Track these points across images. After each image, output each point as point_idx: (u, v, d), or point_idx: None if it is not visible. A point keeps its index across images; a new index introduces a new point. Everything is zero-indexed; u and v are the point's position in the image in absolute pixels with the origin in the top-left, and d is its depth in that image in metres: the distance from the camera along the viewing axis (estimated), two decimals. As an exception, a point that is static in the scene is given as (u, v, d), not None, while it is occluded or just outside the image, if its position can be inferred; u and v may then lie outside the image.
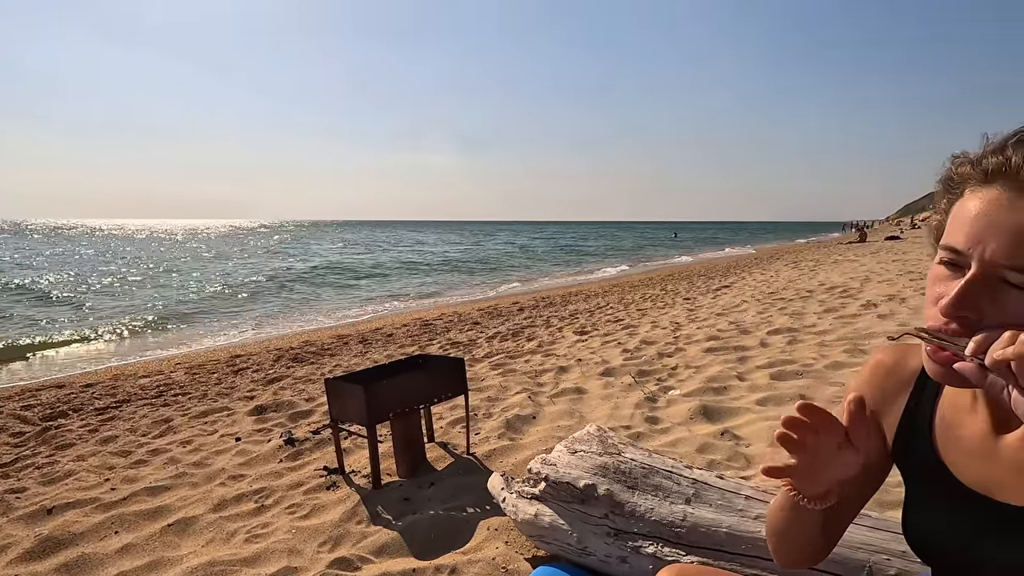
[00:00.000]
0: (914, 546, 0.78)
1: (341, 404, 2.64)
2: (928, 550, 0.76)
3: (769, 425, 2.87)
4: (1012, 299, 0.55)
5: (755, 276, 12.71)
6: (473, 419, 3.45)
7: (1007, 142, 0.59)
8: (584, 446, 1.88)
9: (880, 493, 2.01)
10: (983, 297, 0.57)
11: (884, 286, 8.19)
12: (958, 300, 0.57)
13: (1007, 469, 0.65)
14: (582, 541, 1.70)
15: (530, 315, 8.70)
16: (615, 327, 6.70)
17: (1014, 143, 0.58)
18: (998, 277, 0.56)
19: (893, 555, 1.31)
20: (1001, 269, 0.56)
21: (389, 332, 7.98)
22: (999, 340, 0.52)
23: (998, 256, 0.55)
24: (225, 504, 2.59)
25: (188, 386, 5.29)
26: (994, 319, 0.56)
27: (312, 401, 4.31)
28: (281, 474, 2.90)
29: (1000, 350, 0.51)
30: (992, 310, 0.56)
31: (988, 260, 0.56)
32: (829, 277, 10.42)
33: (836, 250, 21.41)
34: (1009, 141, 0.59)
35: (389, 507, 2.39)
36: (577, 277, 19.94)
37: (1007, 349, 0.51)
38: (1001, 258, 0.55)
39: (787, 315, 6.30)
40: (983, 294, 0.57)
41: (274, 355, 6.60)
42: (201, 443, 3.52)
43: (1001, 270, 0.56)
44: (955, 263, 0.60)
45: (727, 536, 1.49)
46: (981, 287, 0.57)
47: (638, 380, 4.02)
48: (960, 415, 0.72)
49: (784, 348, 4.60)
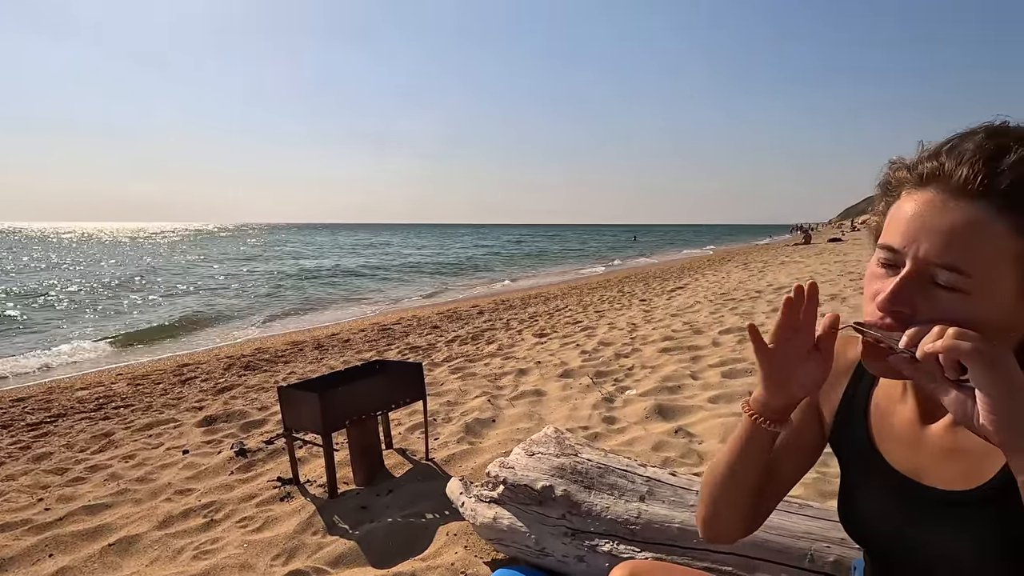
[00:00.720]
0: (850, 530, 0.82)
1: (295, 412, 2.58)
2: (863, 533, 0.80)
3: (721, 422, 2.96)
4: (942, 297, 0.59)
5: (708, 277, 13.11)
6: (432, 424, 3.43)
7: (941, 149, 0.62)
8: (542, 448, 1.90)
9: (820, 484, 2.12)
10: (916, 294, 0.60)
11: (827, 286, 8.60)
12: (893, 296, 0.60)
13: (932, 455, 0.70)
14: (540, 542, 1.71)
15: (490, 318, 8.71)
16: (574, 329, 6.78)
17: (947, 150, 0.61)
18: (930, 275, 0.59)
19: (832, 542, 1.37)
20: (933, 268, 0.59)
21: (346, 338, 7.82)
22: (929, 334, 0.55)
23: (930, 255, 0.58)
24: (171, 520, 2.48)
25: (131, 398, 5.04)
26: (926, 315, 0.59)
27: (265, 410, 4.18)
28: (232, 486, 2.80)
29: (930, 344, 0.55)
30: (924, 306, 0.60)
31: (921, 259, 0.59)
32: (777, 278, 10.87)
33: (783, 252, 22.34)
34: (943, 148, 0.62)
35: (346, 516, 2.35)
36: (538, 279, 20.09)
37: (936, 343, 0.54)
38: (933, 257, 0.58)
39: (738, 315, 6.53)
40: (916, 291, 0.60)
41: (224, 363, 6.37)
42: (145, 457, 3.36)
43: (932, 268, 0.59)
44: (891, 262, 0.63)
45: (680, 531, 1.54)
46: (914, 284, 0.60)
47: (596, 381, 4.08)
48: (892, 404, 0.76)
49: (735, 347, 4.76)
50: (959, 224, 0.57)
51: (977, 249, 0.57)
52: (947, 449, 0.68)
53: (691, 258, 27.68)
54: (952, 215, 0.58)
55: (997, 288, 0.58)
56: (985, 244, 0.57)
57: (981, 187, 0.57)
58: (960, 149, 0.60)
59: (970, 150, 0.59)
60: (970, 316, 0.58)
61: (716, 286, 10.57)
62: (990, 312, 0.58)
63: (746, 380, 3.71)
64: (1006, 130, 0.60)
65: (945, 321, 0.56)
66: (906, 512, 0.72)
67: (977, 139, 0.60)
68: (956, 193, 0.58)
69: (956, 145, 0.61)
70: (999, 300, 0.58)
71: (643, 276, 15.96)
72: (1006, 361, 0.52)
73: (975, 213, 0.57)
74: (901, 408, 0.75)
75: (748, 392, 3.43)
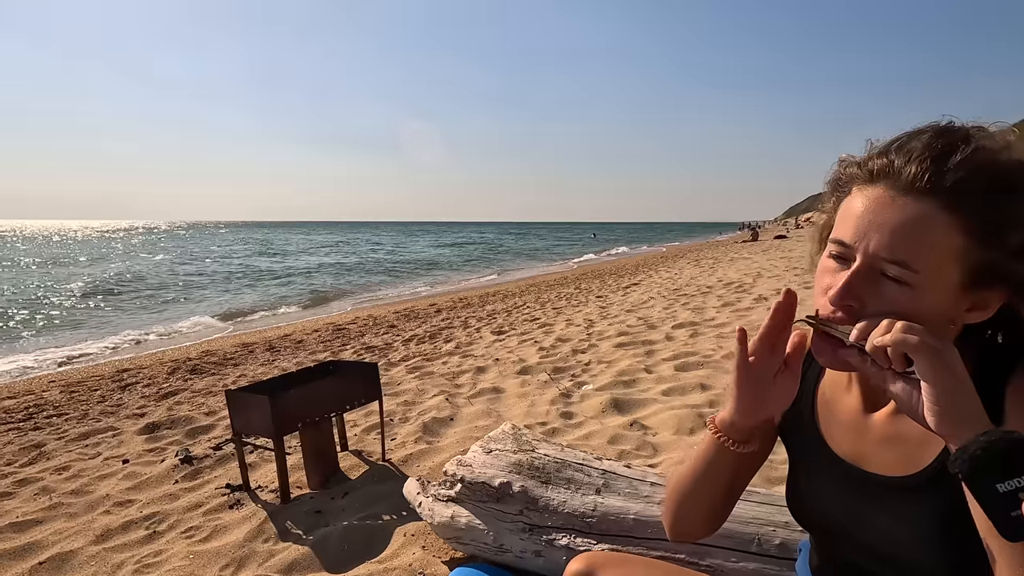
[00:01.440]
0: (796, 515, 0.85)
1: (245, 416, 2.48)
2: (808, 517, 0.83)
3: (674, 414, 3.04)
4: (891, 290, 0.61)
5: (661, 274, 13.43)
6: (389, 424, 3.38)
7: (891, 146, 0.64)
8: (499, 445, 1.90)
9: (767, 470, 2.20)
10: (866, 288, 0.62)
11: (773, 281, 8.96)
12: (844, 290, 0.62)
13: (875, 442, 0.73)
14: (498, 539, 1.71)
15: (448, 316, 8.65)
16: (532, 326, 6.81)
17: (896, 147, 0.63)
18: (879, 270, 0.61)
19: (778, 526, 1.43)
20: (881, 262, 0.61)
21: (299, 339, 7.61)
22: (878, 328, 0.57)
23: (880, 250, 0.60)
24: (110, 534, 2.35)
25: (65, 406, 4.74)
26: (874, 308, 0.61)
27: (213, 415, 4.02)
28: (177, 496, 2.68)
29: (879, 337, 0.57)
30: (873, 300, 0.62)
31: (871, 253, 0.61)
32: (727, 274, 11.24)
33: (732, 249, 23.12)
34: (892, 145, 0.64)
35: (299, 521, 2.28)
36: (495, 277, 20.08)
37: (884, 336, 0.56)
38: (882, 252, 0.60)
39: (690, 310, 6.71)
40: (866, 285, 0.62)
41: (169, 367, 6.08)
42: (81, 468, 3.17)
43: (881, 263, 0.61)
44: (842, 256, 0.65)
45: (635, 522, 1.56)
46: (864, 278, 0.62)
47: (553, 377, 4.11)
48: (838, 393, 0.79)
49: (687, 341, 4.90)
50: (907, 220, 0.59)
51: (924, 245, 0.59)
52: (889, 437, 0.71)
53: (646, 255, 28.30)
54: (901, 211, 0.60)
55: (942, 282, 0.60)
56: (931, 240, 0.59)
57: (928, 184, 0.59)
58: (909, 147, 0.62)
59: (918, 148, 0.61)
60: (916, 309, 0.60)
61: (669, 282, 10.85)
62: (935, 305, 0.60)
63: (698, 373, 3.82)
64: (953, 129, 0.62)
65: (892, 314, 0.58)
66: (849, 496, 0.75)
67: (925, 138, 0.62)
68: (904, 190, 0.60)
69: (905, 143, 0.63)
70: (943, 294, 0.60)
71: (599, 273, 16.20)
72: (950, 355, 0.54)
73: (922, 210, 0.59)
74: (846, 397, 0.77)
75: (700, 385, 3.53)
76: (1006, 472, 0.37)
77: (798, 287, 4.94)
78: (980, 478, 0.38)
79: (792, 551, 1.37)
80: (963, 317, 0.63)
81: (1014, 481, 0.37)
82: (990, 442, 0.38)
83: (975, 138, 0.61)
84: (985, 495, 0.38)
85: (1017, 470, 0.37)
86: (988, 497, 0.38)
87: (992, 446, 0.38)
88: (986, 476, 0.38)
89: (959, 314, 0.63)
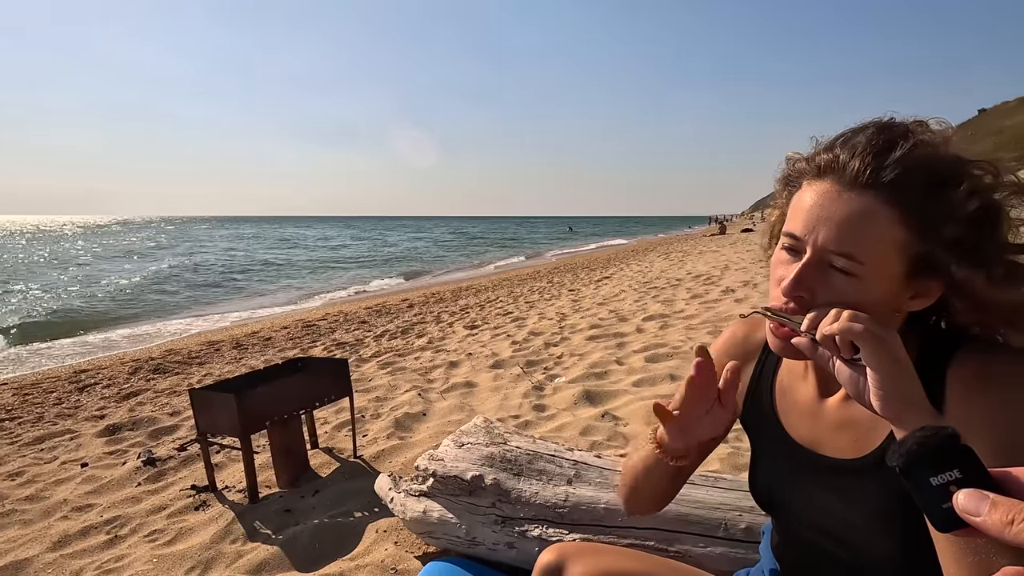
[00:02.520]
0: (758, 498, 0.88)
1: (211, 416, 2.42)
2: (769, 500, 0.86)
3: (644, 404, 3.09)
4: (838, 281, 0.63)
5: (632, 267, 13.60)
6: (360, 421, 3.34)
7: (836, 141, 0.66)
8: (471, 438, 1.90)
9: (735, 457, 2.25)
10: (815, 279, 0.64)
11: (740, 273, 9.16)
12: (795, 282, 0.64)
13: (828, 427, 0.76)
14: (471, 532, 1.71)
15: (420, 311, 8.58)
16: (505, 320, 6.82)
17: (841, 143, 0.65)
18: (827, 262, 0.63)
19: (744, 511, 1.46)
20: (829, 254, 0.63)
21: (267, 336, 7.45)
22: (826, 318, 0.60)
23: (827, 243, 0.63)
24: (68, 540, 2.26)
25: (18, 409, 4.54)
26: (823, 298, 0.64)
27: (177, 415, 3.91)
28: (139, 499, 2.60)
29: (827, 326, 0.59)
30: (823, 291, 0.64)
31: (820, 246, 0.63)
32: (695, 267, 11.44)
33: (701, 242, 23.53)
34: (838, 141, 0.66)
35: (268, 521, 2.24)
36: (470, 271, 20.01)
37: (832, 325, 0.58)
38: (830, 244, 0.62)
39: (660, 302, 6.81)
40: (815, 277, 0.64)
41: (130, 367, 5.88)
42: (36, 473, 3.04)
43: (829, 255, 0.63)
44: (794, 248, 0.67)
45: (606, 511, 1.58)
46: (814, 270, 0.64)
47: (526, 370, 4.13)
48: (795, 381, 0.82)
49: (657, 333, 4.97)
50: (852, 214, 0.62)
51: (867, 237, 0.61)
52: (841, 421, 0.74)
53: (617, 248, 28.60)
54: (846, 205, 0.62)
55: (885, 273, 0.62)
56: (875, 232, 0.61)
57: (870, 179, 0.61)
58: (853, 142, 0.64)
59: (861, 144, 0.63)
60: (862, 299, 0.62)
61: (640, 275, 10.98)
62: (879, 295, 0.63)
63: (668, 364, 3.88)
64: (893, 125, 0.64)
65: (840, 304, 0.61)
66: (805, 479, 0.78)
67: (868, 133, 0.64)
68: (849, 184, 0.62)
69: (849, 138, 0.65)
70: (887, 284, 0.63)
71: (572, 267, 16.31)
72: (893, 342, 0.56)
73: (866, 203, 0.61)
74: (802, 385, 0.80)
75: (670, 375, 3.58)
76: (939, 466, 0.39)
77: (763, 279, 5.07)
78: (914, 471, 0.40)
79: (757, 534, 1.41)
80: (907, 305, 0.66)
81: (946, 475, 0.39)
82: (925, 437, 0.40)
83: (914, 133, 0.63)
84: (919, 488, 0.40)
85: (948, 464, 0.39)
86: (922, 490, 0.40)
87: (927, 441, 0.40)
88: (920, 470, 0.40)
89: (903, 302, 0.65)
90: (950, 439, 0.40)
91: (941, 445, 0.40)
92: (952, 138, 0.63)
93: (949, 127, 0.65)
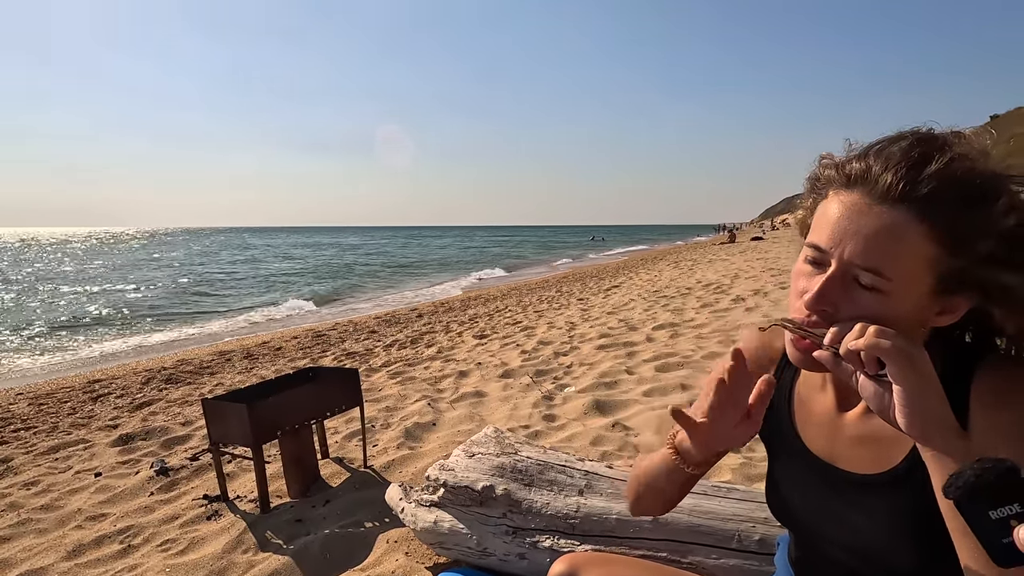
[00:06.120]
0: (774, 511, 0.87)
1: (222, 425, 2.44)
2: (786, 513, 0.85)
3: (655, 414, 3.07)
4: (864, 296, 0.62)
5: (641, 276, 13.56)
6: (370, 431, 3.35)
7: (869, 151, 0.64)
8: (482, 448, 1.90)
9: (747, 468, 2.23)
10: (839, 294, 0.63)
11: (750, 282, 9.11)
12: (818, 296, 0.63)
13: (847, 441, 0.74)
14: (482, 543, 1.70)
15: (429, 321, 8.61)
16: (514, 329, 6.82)
17: (875, 152, 0.63)
18: (853, 276, 0.62)
19: (757, 522, 1.45)
20: (855, 269, 0.61)
21: (278, 346, 7.50)
22: (851, 332, 0.59)
23: (854, 257, 0.61)
24: (83, 549, 2.28)
25: (33, 419, 4.60)
26: (847, 313, 0.63)
27: (189, 425, 3.93)
28: (152, 508, 2.61)
29: (852, 341, 0.58)
30: (847, 306, 0.63)
31: (846, 260, 0.62)
32: (705, 275, 11.39)
33: (711, 250, 23.44)
34: (871, 150, 0.64)
35: (279, 531, 2.24)
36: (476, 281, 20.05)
37: (858, 340, 0.57)
38: (856, 259, 0.61)
39: (669, 311, 6.79)
40: (840, 291, 0.63)
41: (143, 377, 5.94)
42: (51, 483, 3.07)
43: (855, 270, 0.61)
44: (818, 260, 0.66)
45: (617, 522, 1.57)
46: (839, 285, 0.63)
47: (535, 380, 4.12)
48: (813, 394, 0.81)
49: (667, 342, 4.95)
50: (881, 229, 0.60)
51: (897, 253, 0.60)
52: (861, 436, 0.73)
53: (627, 257, 28.53)
54: (875, 219, 0.60)
55: (913, 289, 0.61)
56: (904, 249, 0.59)
57: (903, 193, 0.59)
58: (887, 153, 0.62)
59: (896, 156, 0.61)
60: (887, 314, 0.61)
61: (649, 284, 10.95)
62: (906, 311, 0.62)
63: (678, 374, 3.86)
64: (932, 137, 0.62)
65: (865, 318, 0.60)
66: (824, 493, 0.76)
67: (904, 145, 0.62)
68: (880, 198, 0.61)
69: (884, 148, 0.63)
70: (915, 300, 0.62)
71: (581, 276, 16.29)
72: (921, 359, 0.55)
73: (896, 218, 0.59)
74: (821, 397, 0.79)
75: (680, 385, 3.56)
76: (998, 499, 0.38)
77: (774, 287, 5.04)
78: (973, 504, 0.39)
79: (771, 546, 1.40)
80: (933, 320, 0.65)
81: (1005, 508, 0.38)
82: (984, 469, 0.39)
83: (951, 147, 0.61)
84: (977, 521, 0.39)
85: (1008, 497, 0.38)
86: (980, 523, 0.39)
87: (986, 473, 0.39)
88: (979, 503, 0.39)
89: (929, 318, 0.64)
90: (1009, 472, 0.38)
91: (1000, 477, 0.38)
92: (989, 150, 0.62)
93: (987, 135, 0.63)
